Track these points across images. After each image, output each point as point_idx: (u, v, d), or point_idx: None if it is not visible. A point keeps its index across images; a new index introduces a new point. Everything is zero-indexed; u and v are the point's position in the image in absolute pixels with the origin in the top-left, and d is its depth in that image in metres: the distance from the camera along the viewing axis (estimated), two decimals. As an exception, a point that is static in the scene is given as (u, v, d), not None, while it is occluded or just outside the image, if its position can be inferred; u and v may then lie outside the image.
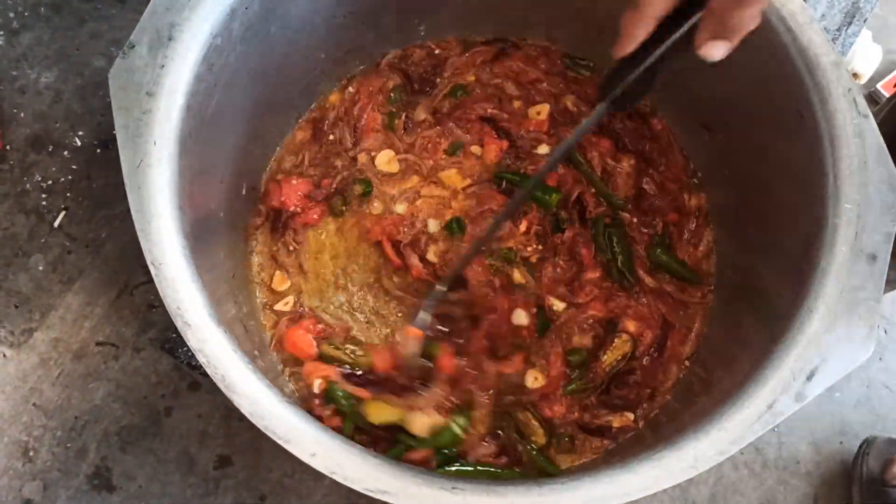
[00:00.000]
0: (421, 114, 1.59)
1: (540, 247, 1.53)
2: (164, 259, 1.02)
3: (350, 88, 1.60)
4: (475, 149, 1.57)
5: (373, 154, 1.56)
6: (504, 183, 1.55)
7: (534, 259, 1.52)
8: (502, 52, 1.65)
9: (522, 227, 1.53)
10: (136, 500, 1.69)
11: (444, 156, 1.57)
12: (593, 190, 1.56)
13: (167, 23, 1.09)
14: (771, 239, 1.33)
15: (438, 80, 1.62)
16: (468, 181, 1.56)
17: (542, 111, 1.60)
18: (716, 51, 0.96)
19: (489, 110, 1.60)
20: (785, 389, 1.05)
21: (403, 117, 1.59)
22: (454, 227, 1.51)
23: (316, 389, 1.42)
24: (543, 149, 1.58)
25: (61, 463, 1.68)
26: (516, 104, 1.61)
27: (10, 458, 1.67)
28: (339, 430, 1.36)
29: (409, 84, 1.61)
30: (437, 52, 1.64)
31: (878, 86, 2.24)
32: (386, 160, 1.55)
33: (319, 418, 1.38)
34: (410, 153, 1.56)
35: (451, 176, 1.56)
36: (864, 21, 1.72)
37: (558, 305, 1.48)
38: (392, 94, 1.59)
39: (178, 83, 1.08)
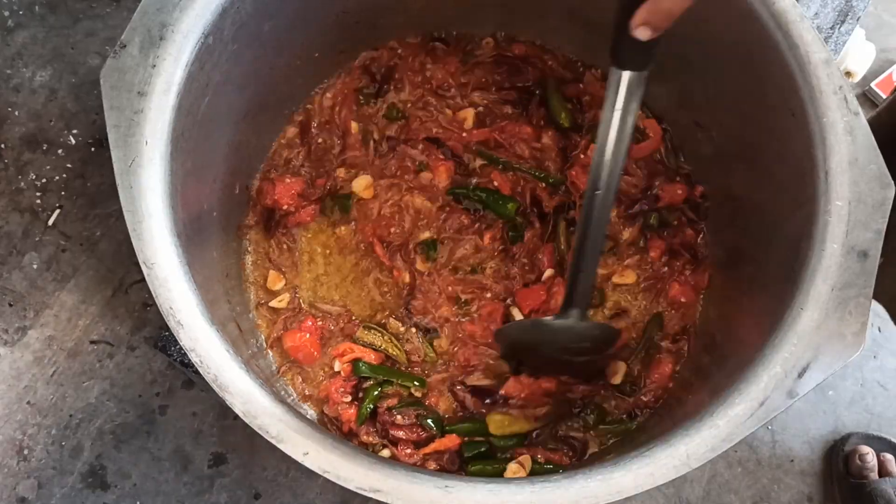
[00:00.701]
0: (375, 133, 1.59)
1: (499, 260, 1.54)
2: (156, 259, 1.02)
3: (328, 94, 1.59)
4: (426, 175, 1.56)
5: (353, 171, 1.56)
6: (463, 200, 1.55)
7: (490, 272, 1.53)
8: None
9: (486, 240, 1.53)
10: (131, 499, 1.69)
11: (414, 176, 1.57)
12: (543, 184, 1.56)
13: (158, 22, 1.09)
14: (762, 236, 1.33)
15: (392, 81, 1.62)
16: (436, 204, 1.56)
17: (468, 115, 1.61)
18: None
19: (434, 130, 1.58)
20: (776, 386, 1.05)
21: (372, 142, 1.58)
22: (428, 248, 1.52)
23: (337, 368, 1.45)
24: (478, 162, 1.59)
25: (56, 461, 1.69)
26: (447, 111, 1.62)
27: (4, 456, 1.67)
28: (353, 420, 1.42)
29: (373, 85, 1.61)
30: (399, 51, 1.63)
31: (872, 84, 2.24)
32: (363, 186, 1.54)
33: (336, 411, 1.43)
34: (384, 178, 1.56)
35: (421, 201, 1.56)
36: (857, 19, 1.72)
37: None
38: (360, 97, 1.59)
39: (169, 83, 1.08)
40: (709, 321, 1.47)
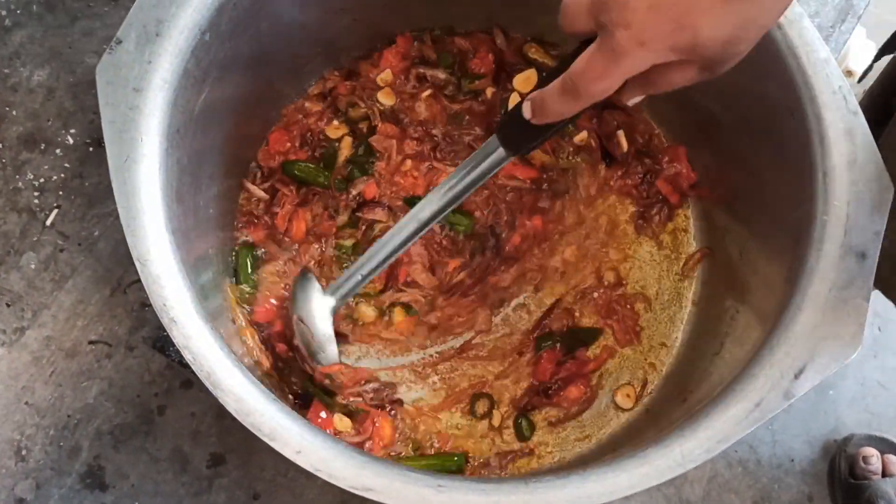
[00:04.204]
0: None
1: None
2: (150, 255, 1.02)
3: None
4: None
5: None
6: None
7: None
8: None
9: (451, 268, 1.53)
10: (129, 499, 1.68)
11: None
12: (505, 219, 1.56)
13: (154, 18, 1.09)
14: (760, 236, 1.33)
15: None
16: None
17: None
18: (635, 100, 0.98)
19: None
20: (773, 387, 1.05)
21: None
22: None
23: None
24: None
25: (54, 462, 1.68)
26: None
27: (2, 457, 1.67)
28: None
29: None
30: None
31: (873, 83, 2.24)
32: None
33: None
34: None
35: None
36: (858, 18, 1.72)
37: None
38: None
39: (165, 79, 1.08)
40: (706, 320, 1.47)
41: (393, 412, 1.45)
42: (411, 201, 1.51)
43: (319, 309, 1.34)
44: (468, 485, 1.00)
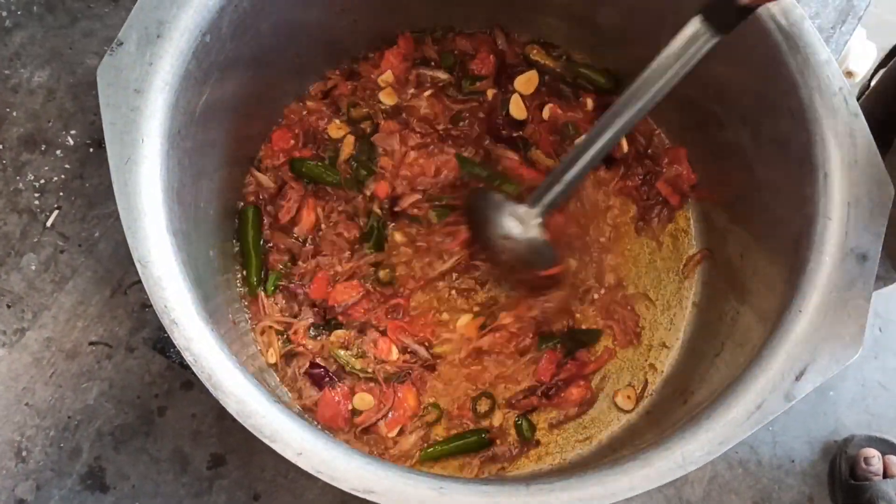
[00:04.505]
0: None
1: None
2: (151, 257, 1.02)
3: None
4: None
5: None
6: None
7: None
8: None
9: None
10: (130, 500, 1.68)
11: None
12: None
13: (155, 20, 1.09)
14: (761, 237, 1.33)
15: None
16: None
17: None
18: None
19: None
20: (774, 389, 1.05)
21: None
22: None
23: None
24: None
25: (54, 463, 1.68)
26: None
27: (2, 458, 1.67)
28: None
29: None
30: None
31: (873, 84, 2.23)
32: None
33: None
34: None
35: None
36: (859, 19, 1.71)
37: None
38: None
39: (166, 80, 1.08)
40: (707, 321, 1.47)
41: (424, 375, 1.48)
42: (432, 198, 1.53)
43: (525, 221, 1.35)
44: (469, 487, 1.00)
